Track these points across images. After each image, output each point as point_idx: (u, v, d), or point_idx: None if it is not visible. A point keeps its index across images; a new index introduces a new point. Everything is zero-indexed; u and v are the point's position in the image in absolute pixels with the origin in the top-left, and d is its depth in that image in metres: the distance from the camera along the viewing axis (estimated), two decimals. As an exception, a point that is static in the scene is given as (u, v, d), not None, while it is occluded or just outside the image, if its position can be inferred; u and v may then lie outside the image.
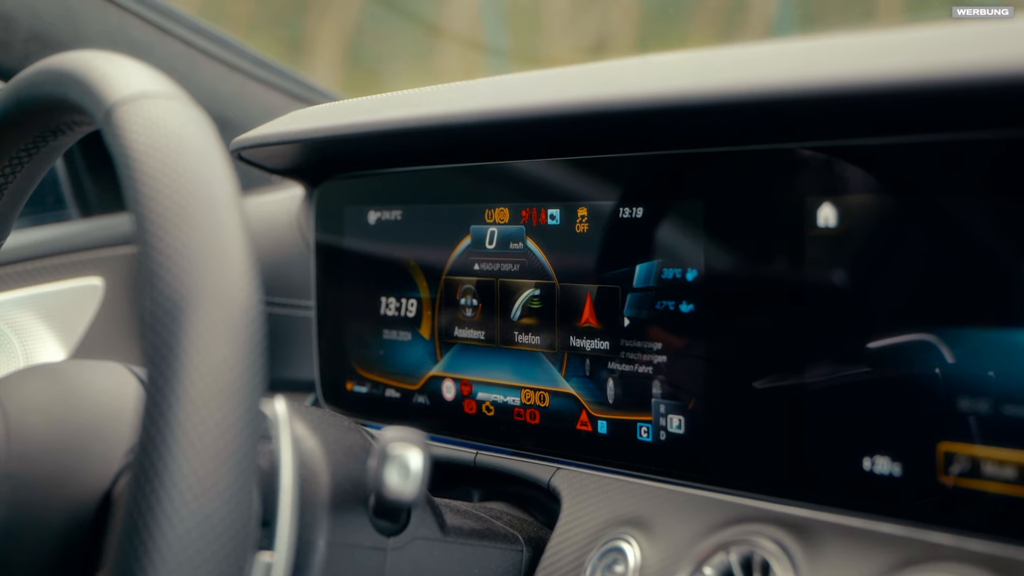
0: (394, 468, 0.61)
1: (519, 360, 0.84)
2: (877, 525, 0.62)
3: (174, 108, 0.53)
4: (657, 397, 0.74)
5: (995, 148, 0.58)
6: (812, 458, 0.66)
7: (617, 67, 0.73)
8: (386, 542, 0.67)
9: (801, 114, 0.64)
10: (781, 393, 0.67)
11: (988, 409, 0.58)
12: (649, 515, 0.72)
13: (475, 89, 0.81)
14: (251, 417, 0.46)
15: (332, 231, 0.98)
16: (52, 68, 0.59)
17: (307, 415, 0.70)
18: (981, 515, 0.59)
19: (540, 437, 0.82)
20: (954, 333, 0.60)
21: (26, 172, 0.67)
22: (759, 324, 0.69)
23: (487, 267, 0.85)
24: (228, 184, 0.50)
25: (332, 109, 0.92)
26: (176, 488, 0.44)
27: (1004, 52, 0.52)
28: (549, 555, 0.75)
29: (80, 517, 0.62)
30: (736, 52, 0.67)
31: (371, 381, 0.95)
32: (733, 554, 0.66)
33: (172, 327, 0.46)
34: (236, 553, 0.46)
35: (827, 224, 0.65)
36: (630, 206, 0.76)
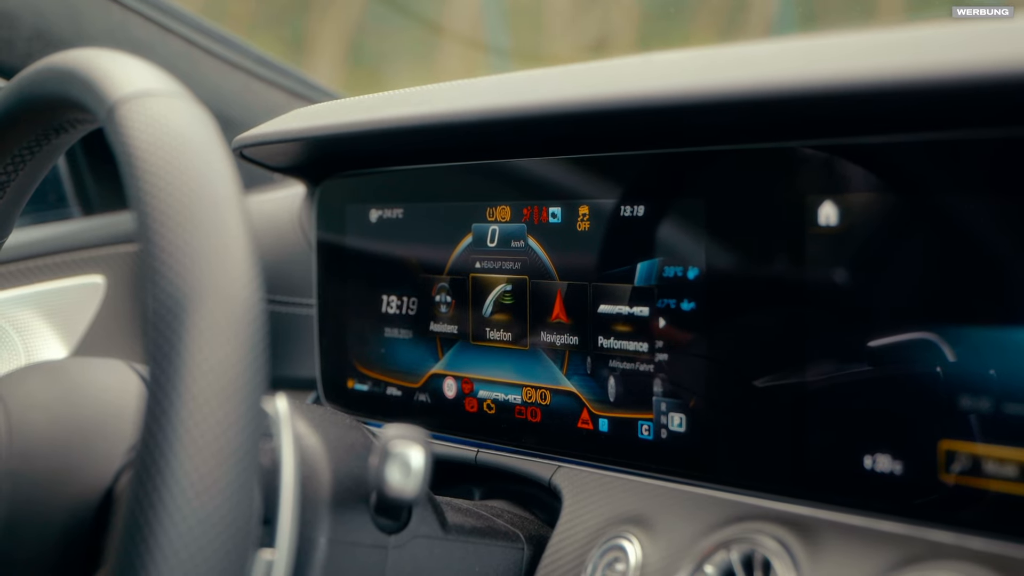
0: (395, 466, 0.61)
1: (520, 358, 0.84)
2: (878, 523, 0.62)
3: (176, 106, 0.53)
4: (658, 395, 0.74)
5: (996, 147, 0.58)
6: (813, 456, 0.66)
7: (618, 65, 0.73)
8: (387, 540, 0.67)
9: (802, 113, 0.64)
10: (782, 391, 0.67)
11: (989, 407, 0.58)
12: (650, 513, 0.72)
13: (476, 87, 0.81)
14: (252, 415, 0.46)
15: (333, 229, 0.99)
16: (55, 66, 0.59)
17: (308, 413, 0.70)
18: (982, 513, 0.59)
19: (541, 435, 0.82)
20: (955, 331, 0.60)
21: (28, 170, 0.67)
22: (760, 322, 0.69)
23: (488, 265, 0.85)
24: (230, 182, 0.50)
25: (334, 107, 0.92)
26: (178, 485, 0.44)
27: (1005, 51, 0.52)
28: (550, 553, 0.75)
29: (82, 514, 0.62)
30: (737, 51, 0.67)
31: (372, 379, 0.96)
32: (734, 552, 0.66)
33: (174, 324, 0.46)
34: (237, 551, 0.46)
35: (828, 223, 0.65)
36: (631, 204, 0.76)
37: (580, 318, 0.79)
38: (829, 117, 0.64)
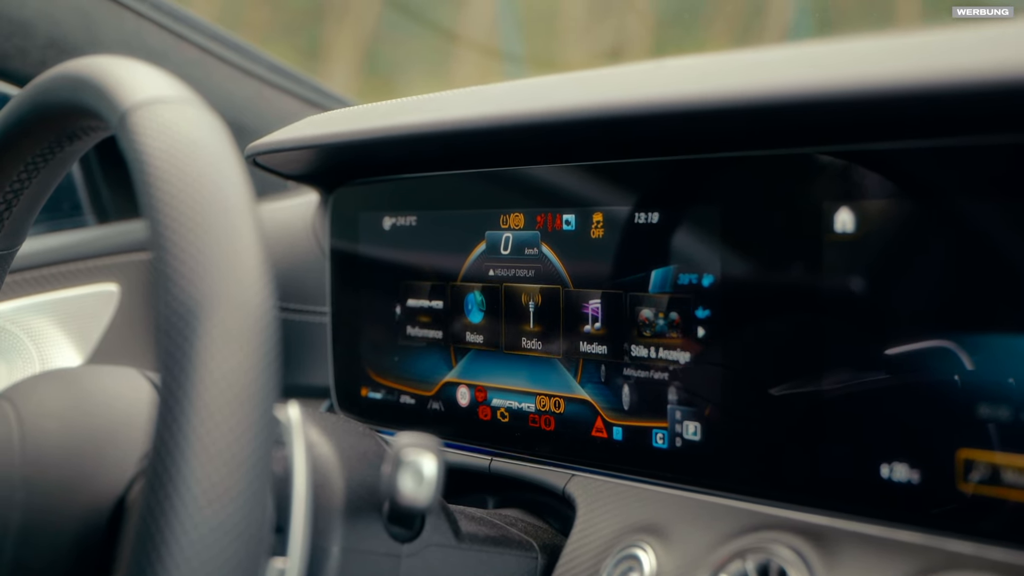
0: (408, 474, 0.61)
1: (534, 366, 0.83)
2: (895, 533, 0.62)
3: (188, 113, 0.53)
4: (673, 403, 0.74)
5: (1014, 152, 0.58)
6: (829, 465, 0.65)
7: (633, 71, 0.73)
8: (400, 549, 0.66)
9: (818, 119, 0.64)
10: (798, 399, 0.67)
11: (1008, 416, 0.58)
12: (665, 522, 0.72)
13: (490, 93, 0.81)
14: (265, 422, 0.46)
15: (347, 237, 0.98)
16: (67, 73, 0.59)
17: (321, 421, 0.70)
18: (1001, 523, 0.58)
19: (555, 444, 0.82)
20: (973, 339, 0.59)
21: (42, 178, 0.67)
22: (776, 330, 0.68)
23: (502, 273, 0.85)
24: (242, 188, 0.50)
25: (347, 114, 0.92)
26: (190, 493, 0.44)
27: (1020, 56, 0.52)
28: (564, 562, 0.75)
29: (94, 523, 0.61)
30: (752, 56, 0.66)
31: (386, 387, 0.95)
32: (750, 562, 0.65)
33: (186, 332, 0.46)
34: (249, 559, 0.45)
35: (844, 229, 0.64)
36: (646, 211, 0.75)
37: (594, 326, 0.79)
38: (845, 123, 0.64)
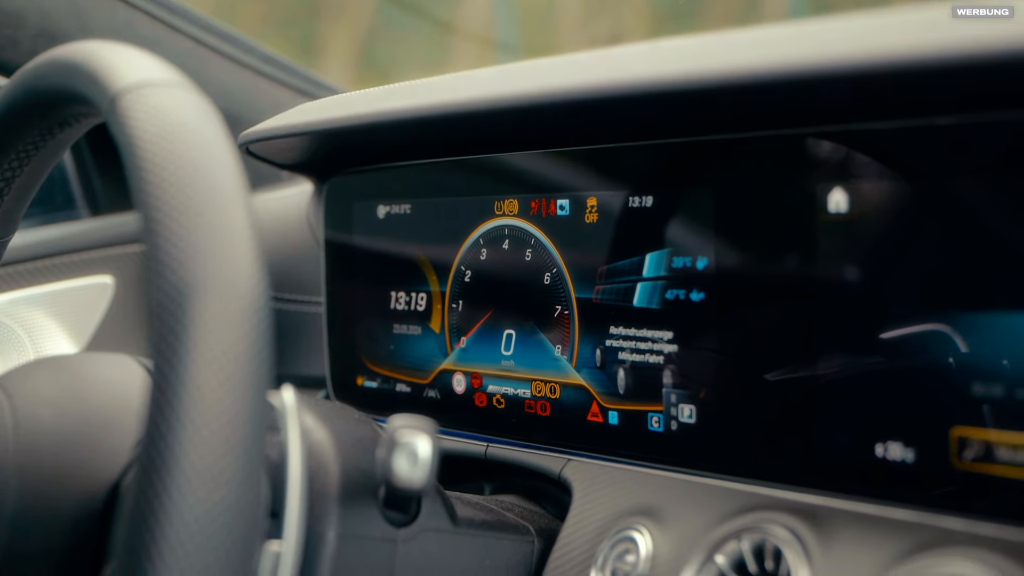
0: (402, 455, 0.61)
1: (529, 352, 0.83)
2: (890, 511, 0.62)
3: (179, 96, 0.52)
4: (668, 387, 0.74)
5: (1009, 131, 0.58)
6: (824, 445, 0.65)
7: (625, 52, 0.73)
8: (396, 533, 0.66)
9: (811, 98, 0.64)
10: (792, 381, 0.67)
11: (1002, 394, 0.58)
12: (660, 504, 0.72)
13: (482, 77, 0.81)
14: (258, 405, 0.46)
15: (341, 226, 0.98)
16: (56, 59, 0.59)
17: (316, 407, 0.70)
18: (995, 500, 0.58)
19: (551, 429, 0.82)
20: (968, 320, 0.59)
21: (33, 166, 0.67)
22: (770, 312, 0.68)
23: (497, 259, 0.85)
24: (234, 172, 0.50)
25: (340, 101, 0.92)
26: (183, 475, 0.44)
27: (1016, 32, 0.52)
28: (561, 546, 0.75)
29: (89, 509, 0.61)
30: (748, 35, 0.66)
31: (381, 376, 0.95)
32: (745, 542, 0.65)
33: (178, 315, 0.46)
34: (244, 541, 0.45)
35: (838, 210, 0.64)
36: (639, 195, 0.75)
37: (589, 310, 0.79)
38: (838, 103, 0.64)
